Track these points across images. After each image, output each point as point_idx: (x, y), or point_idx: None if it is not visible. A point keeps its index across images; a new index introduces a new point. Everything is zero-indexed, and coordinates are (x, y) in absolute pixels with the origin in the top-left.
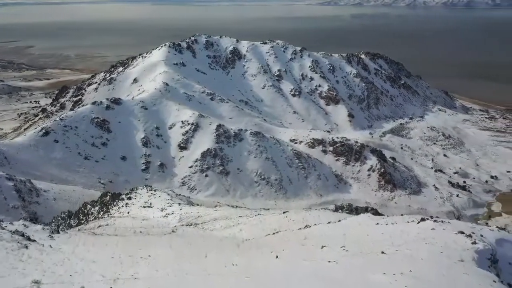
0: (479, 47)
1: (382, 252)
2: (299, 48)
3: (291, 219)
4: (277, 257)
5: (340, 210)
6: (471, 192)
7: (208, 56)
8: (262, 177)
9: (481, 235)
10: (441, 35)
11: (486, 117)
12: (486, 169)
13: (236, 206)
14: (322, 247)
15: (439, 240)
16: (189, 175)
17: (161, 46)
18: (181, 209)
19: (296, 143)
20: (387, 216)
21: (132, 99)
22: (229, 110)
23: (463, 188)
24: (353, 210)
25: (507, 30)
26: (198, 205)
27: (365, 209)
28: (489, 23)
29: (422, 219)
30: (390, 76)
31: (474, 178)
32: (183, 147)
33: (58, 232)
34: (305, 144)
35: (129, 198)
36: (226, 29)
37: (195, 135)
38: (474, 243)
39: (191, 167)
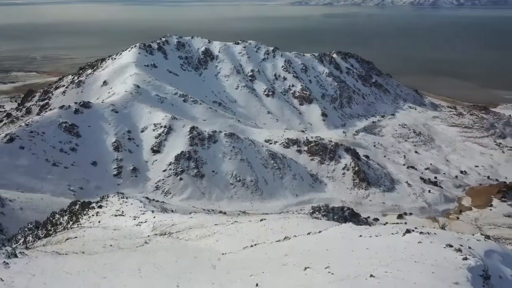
0: (445, 45)
1: (371, 276)
2: (271, 48)
3: (269, 228)
4: (257, 285)
5: (317, 212)
6: (442, 188)
7: (180, 57)
8: (238, 178)
9: (469, 247)
10: (409, 34)
11: (454, 114)
12: (456, 164)
13: (212, 211)
14: (305, 268)
15: (428, 257)
16: (163, 179)
17: (132, 47)
18: (154, 217)
19: (271, 143)
20: (368, 219)
21: (102, 102)
22: (203, 112)
23: (435, 183)
24: (330, 211)
25: (471, 28)
26: (172, 211)
27: (341, 209)
28: (454, 22)
29: (408, 231)
30: (361, 75)
31: (444, 173)
32: (156, 150)
33: (16, 256)
34: (280, 144)
35: (100, 207)
36: (198, 29)
37: (168, 138)
38: (465, 258)
39: (165, 170)
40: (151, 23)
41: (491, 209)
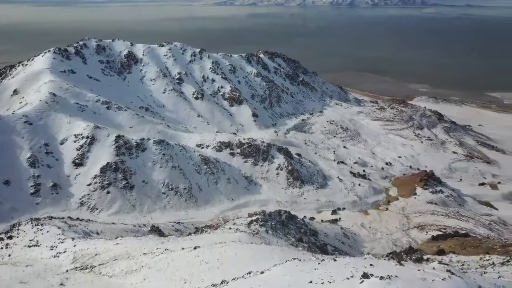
0: (363, 43)
1: None
2: (198, 50)
3: (203, 261)
4: None
5: (254, 222)
6: (370, 180)
7: (101, 61)
8: (170, 187)
9: None
10: (330, 32)
11: (376, 108)
12: (381, 156)
13: (144, 225)
14: None
15: None
16: (88, 194)
17: (45, 52)
18: (75, 245)
19: (203, 147)
20: (305, 219)
21: (13, 113)
22: (129, 119)
23: (364, 176)
24: (267, 218)
25: (384, 26)
26: (98, 233)
27: (278, 213)
28: (369, 20)
29: (365, 276)
30: (288, 74)
31: (372, 166)
32: (78, 163)
33: None
34: (212, 148)
35: (10, 237)
36: (119, 31)
37: (91, 149)
38: None
39: (89, 184)
40: (67, 25)
41: (415, 198)
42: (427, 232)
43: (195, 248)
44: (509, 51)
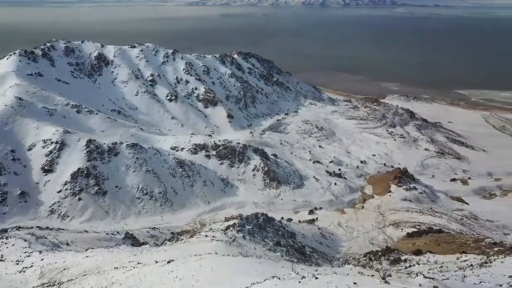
0: (336, 42)
1: None
2: (171, 51)
3: (177, 277)
4: None
5: (231, 228)
6: (346, 179)
7: (70, 63)
8: (145, 191)
9: None
10: (303, 32)
11: (350, 107)
12: (356, 155)
13: (117, 233)
14: None
15: None
16: (59, 201)
17: (10, 55)
18: (42, 259)
19: (177, 150)
20: (282, 221)
21: None
22: (100, 122)
23: (339, 175)
24: (245, 223)
25: (356, 26)
26: (68, 243)
27: (255, 217)
28: (341, 20)
29: None
30: (263, 74)
31: (347, 165)
32: (48, 169)
33: None
34: (187, 150)
35: None
36: (89, 32)
37: (61, 154)
38: None
39: (60, 191)
40: (34, 26)
41: (390, 195)
42: (402, 229)
43: (168, 262)
44: (474, 50)
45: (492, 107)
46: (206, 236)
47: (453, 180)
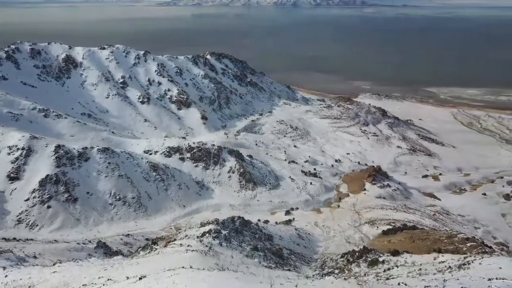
0: (306, 42)
1: None
2: (142, 52)
3: None
4: None
5: (207, 234)
6: (321, 178)
7: (36, 66)
8: (117, 197)
9: None
10: (275, 32)
11: (324, 107)
12: (330, 154)
13: (89, 242)
14: None
15: None
16: (27, 210)
17: None
18: (6, 276)
19: (151, 154)
20: (259, 223)
21: None
22: (70, 127)
23: (314, 175)
24: (221, 228)
25: (327, 25)
26: (35, 256)
27: (232, 220)
28: (312, 20)
29: None
30: (236, 74)
31: (322, 164)
32: (14, 177)
33: None
34: (161, 153)
35: None
36: (56, 33)
37: (28, 161)
38: None
39: (27, 200)
40: None
41: (365, 193)
42: (377, 227)
43: (140, 278)
44: (441, 49)
45: (459, 104)
46: (181, 245)
47: (425, 176)
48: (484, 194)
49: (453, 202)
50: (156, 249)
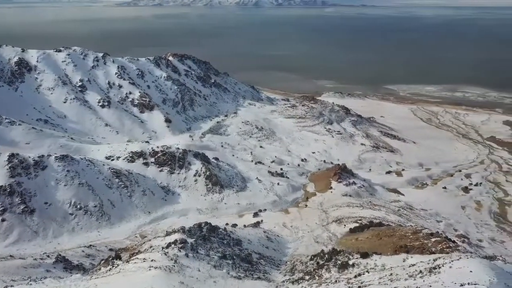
0: (269, 42)
1: None
2: (101, 54)
3: None
4: None
5: (172, 245)
6: (288, 178)
7: None
8: (78, 206)
9: None
10: (237, 32)
11: (288, 106)
12: (296, 153)
13: (48, 257)
14: None
15: None
16: None
17: None
18: None
19: (113, 159)
20: (227, 227)
21: None
22: (24, 134)
23: (281, 175)
24: (186, 238)
25: (289, 25)
26: None
27: (199, 227)
28: (274, 20)
29: None
30: (200, 76)
31: (288, 164)
32: None
33: None
34: (124, 159)
35: None
36: (7, 35)
37: None
38: None
39: None
40: None
41: (331, 192)
42: (345, 225)
43: None
44: (400, 47)
45: (418, 100)
46: (144, 260)
47: (389, 172)
48: (445, 187)
49: (416, 197)
50: (118, 265)
